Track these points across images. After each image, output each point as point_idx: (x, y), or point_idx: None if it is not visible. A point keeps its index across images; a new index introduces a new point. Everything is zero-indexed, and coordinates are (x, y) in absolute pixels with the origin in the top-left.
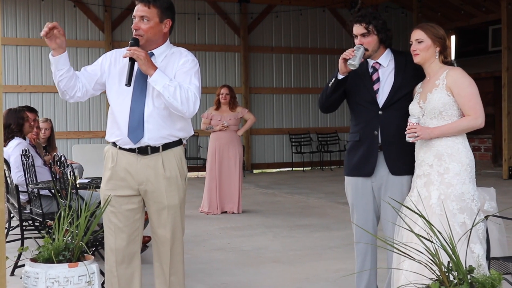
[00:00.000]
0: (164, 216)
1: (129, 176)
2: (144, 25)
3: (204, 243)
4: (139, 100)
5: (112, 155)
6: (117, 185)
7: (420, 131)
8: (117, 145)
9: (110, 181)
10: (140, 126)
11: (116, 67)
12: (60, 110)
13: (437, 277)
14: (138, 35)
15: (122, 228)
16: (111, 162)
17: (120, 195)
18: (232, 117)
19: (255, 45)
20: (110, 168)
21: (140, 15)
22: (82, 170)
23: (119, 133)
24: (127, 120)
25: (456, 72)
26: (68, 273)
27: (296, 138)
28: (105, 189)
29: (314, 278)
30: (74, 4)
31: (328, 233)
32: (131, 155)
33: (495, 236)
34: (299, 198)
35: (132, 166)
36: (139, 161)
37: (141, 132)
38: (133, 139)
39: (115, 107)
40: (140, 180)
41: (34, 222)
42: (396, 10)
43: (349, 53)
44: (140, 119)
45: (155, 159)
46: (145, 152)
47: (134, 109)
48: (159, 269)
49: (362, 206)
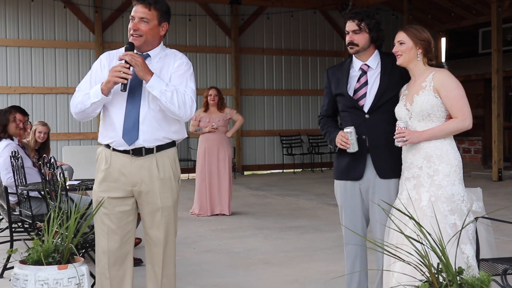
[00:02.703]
0: (158, 218)
1: (123, 178)
2: (143, 27)
3: (194, 245)
4: (134, 102)
5: (105, 157)
6: (110, 187)
7: (408, 135)
8: (111, 147)
9: (104, 182)
10: (135, 128)
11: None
12: (50, 112)
13: (427, 279)
14: (137, 35)
15: (115, 230)
16: (104, 163)
17: (113, 197)
18: (221, 118)
19: (246, 46)
20: (104, 169)
21: (140, 16)
22: (72, 171)
23: (113, 134)
24: (122, 122)
25: (443, 74)
26: (58, 275)
27: (287, 140)
28: (98, 191)
29: (305, 280)
30: (64, 5)
31: (319, 235)
32: (125, 156)
33: (484, 237)
34: (289, 199)
35: (126, 168)
36: (133, 162)
37: (136, 134)
38: (128, 140)
39: (110, 109)
40: (135, 181)
41: (23, 224)
42: (386, 12)
43: (344, 143)
44: (136, 121)
45: (149, 160)
46: (139, 154)
47: (130, 111)
48: (151, 271)
49: (350, 208)
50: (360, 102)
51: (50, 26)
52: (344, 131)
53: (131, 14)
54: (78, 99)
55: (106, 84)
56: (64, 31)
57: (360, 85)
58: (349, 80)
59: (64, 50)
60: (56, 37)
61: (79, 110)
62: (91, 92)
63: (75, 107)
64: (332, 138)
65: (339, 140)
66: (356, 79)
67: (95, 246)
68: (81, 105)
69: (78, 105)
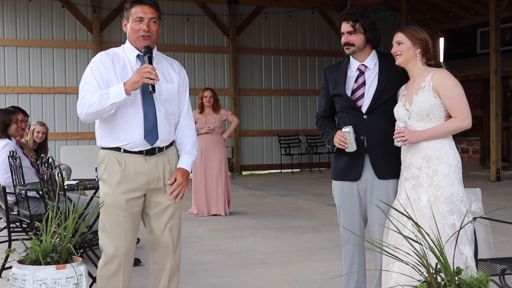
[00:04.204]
0: (168, 213)
1: (141, 177)
2: (153, 27)
3: (192, 245)
4: (149, 104)
5: (116, 159)
6: (129, 188)
7: (408, 135)
8: (122, 149)
9: (121, 184)
10: (155, 129)
11: (115, 71)
12: (48, 111)
13: (425, 279)
14: (148, 36)
15: (131, 231)
16: (118, 165)
17: (131, 198)
18: (217, 120)
19: (244, 46)
20: (120, 171)
21: (150, 17)
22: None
23: (127, 137)
24: (142, 123)
25: (442, 74)
26: (56, 275)
27: (285, 140)
28: (115, 193)
29: (303, 280)
30: (62, 4)
31: (317, 235)
32: (139, 157)
33: (482, 237)
34: (288, 200)
35: (143, 167)
36: (149, 161)
37: (156, 134)
38: (149, 141)
39: (124, 111)
40: (152, 179)
41: (21, 223)
42: (385, 12)
43: (343, 142)
44: (154, 121)
45: (162, 158)
46: (152, 153)
47: (148, 113)
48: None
49: (348, 209)
50: (358, 102)
51: (48, 25)
52: (342, 131)
53: (138, 16)
54: (93, 99)
55: (133, 85)
56: (62, 31)
57: (358, 85)
58: (346, 81)
59: (62, 50)
60: (54, 37)
61: (94, 110)
62: (111, 93)
63: (89, 107)
64: (330, 138)
65: (337, 139)
66: (354, 80)
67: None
68: (98, 105)
69: (93, 105)
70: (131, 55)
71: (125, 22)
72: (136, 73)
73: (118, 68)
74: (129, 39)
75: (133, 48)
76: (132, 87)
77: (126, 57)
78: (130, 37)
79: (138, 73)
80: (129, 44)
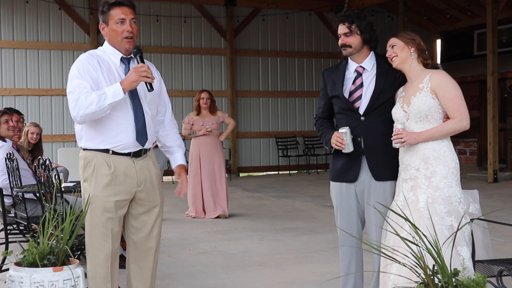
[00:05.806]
0: (155, 213)
1: (129, 180)
2: (135, 28)
3: (190, 247)
4: (137, 105)
5: (105, 161)
6: (117, 190)
7: (406, 137)
8: (110, 151)
9: (109, 187)
10: (145, 130)
11: (103, 73)
12: (46, 113)
13: (422, 281)
14: (131, 37)
15: (117, 234)
16: (107, 168)
17: (119, 200)
18: (214, 121)
19: (241, 48)
20: (109, 174)
21: (131, 18)
22: (67, 173)
23: (118, 139)
24: (132, 125)
25: (440, 75)
26: (53, 277)
27: (282, 142)
28: (103, 196)
29: (300, 282)
30: (60, 6)
31: (314, 237)
32: (127, 158)
33: (480, 239)
34: (285, 201)
35: (131, 169)
36: (136, 163)
37: (145, 135)
38: (141, 142)
39: (114, 112)
40: (140, 181)
41: (18, 225)
42: (382, 14)
43: (339, 143)
44: (143, 122)
45: (147, 160)
46: (139, 155)
47: (137, 114)
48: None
49: (346, 210)
50: (356, 104)
51: (45, 27)
52: (339, 131)
53: (120, 17)
54: (89, 99)
55: (131, 84)
56: (59, 33)
57: (356, 87)
58: (344, 82)
59: (59, 52)
60: (51, 39)
61: (92, 111)
62: (109, 92)
63: (86, 108)
64: (328, 139)
65: (334, 140)
66: (352, 81)
67: (91, 252)
68: (96, 105)
69: (91, 105)
70: (115, 57)
71: (103, 26)
72: (133, 73)
73: (105, 70)
74: (111, 41)
75: (115, 50)
76: (131, 86)
77: (110, 60)
78: (113, 40)
79: (136, 72)
80: (110, 47)
